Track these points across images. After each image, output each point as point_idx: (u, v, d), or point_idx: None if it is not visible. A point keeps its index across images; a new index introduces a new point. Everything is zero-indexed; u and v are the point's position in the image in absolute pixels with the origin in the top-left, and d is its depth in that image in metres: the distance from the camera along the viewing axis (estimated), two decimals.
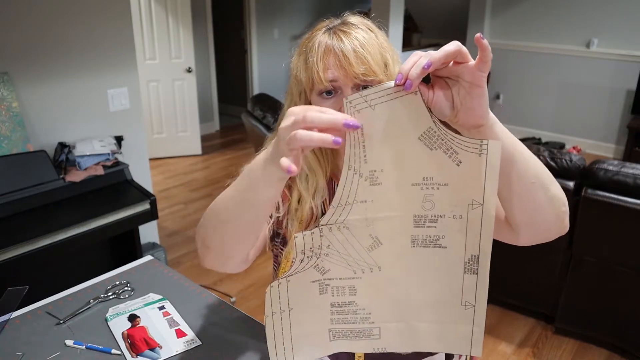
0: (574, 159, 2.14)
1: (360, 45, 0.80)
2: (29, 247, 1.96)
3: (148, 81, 4.71)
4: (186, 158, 5.07)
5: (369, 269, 0.74)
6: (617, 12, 4.76)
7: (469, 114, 0.68)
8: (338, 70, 0.80)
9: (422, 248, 0.73)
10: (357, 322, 0.78)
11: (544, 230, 0.80)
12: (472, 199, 0.70)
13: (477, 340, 0.77)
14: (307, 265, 0.73)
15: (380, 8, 3.89)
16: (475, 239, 0.71)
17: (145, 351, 1.05)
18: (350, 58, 0.79)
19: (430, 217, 0.71)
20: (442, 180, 0.69)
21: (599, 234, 2.14)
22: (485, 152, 0.67)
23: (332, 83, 0.81)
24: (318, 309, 0.77)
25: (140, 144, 2.72)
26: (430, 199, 0.71)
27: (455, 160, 0.68)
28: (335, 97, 0.83)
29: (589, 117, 5.12)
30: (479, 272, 0.73)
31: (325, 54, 0.81)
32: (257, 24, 5.85)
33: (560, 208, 0.78)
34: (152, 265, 1.39)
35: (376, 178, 0.69)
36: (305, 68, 0.84)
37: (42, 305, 1.21)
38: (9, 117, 2.12)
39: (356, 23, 0.84)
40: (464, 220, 0.71)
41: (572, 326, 2.36)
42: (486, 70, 0.65)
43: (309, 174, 0.92)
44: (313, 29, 0.88)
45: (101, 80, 2.48)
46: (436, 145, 0.67)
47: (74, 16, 2.31)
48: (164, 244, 3.24)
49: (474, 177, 0.68)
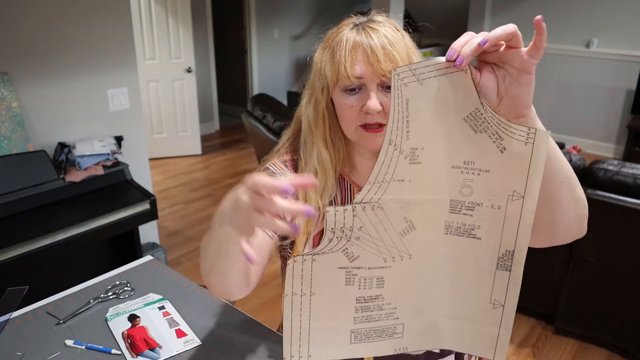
0: (574, 159, 2.14)
1: (388, 43, 0.80)
2: (29, 247, 1.96)
3: (148, 81, 4.71)
4: (186, 158, 5.07)
5: (400, 257, 0.70)
6: (617, 12, 4.76)
7: (514, 102, 0.65)
8: (365, 66, 0.80)
9: (456, 236, 0.69)
10: (381, 318, 0.74)
11: (563, 231, 0.79)
12: (513, 190, 0.65)
13: (502, 344, 0.72)
14: (336, 247, 0.68)
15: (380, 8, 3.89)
16: (512, 233, 0.67)
17: (145, 351, 1.05)
18: (379, 55, 0.78)
19: (467, 203, 0.67)
20: (484, 166, 0.65)
21: (599, 234, 2.14)
22: (532, 141, 0.63)
23: (359, 79, 0.80)
24: (342, 302, 0.72)
25: (140, 144, 2.72)
26: (469, 185, 0.67)
27: (499, 147, 0.64)
28: (360, 94, 0.82)
29: (589, 117, 5.12)
30: (513, 269, 0.68)
31: (353, 49, 0.81)
32: (257, 24, 5.85)
33: (582, 211, 0.78)
34: (152, 265, 1.38)
35: (417, 156, 0.66)
36: (331, 62, 0.83)
37: (42, 305, 1.21)
38: (9, 117, 2.12)
39: (383, 21, 0.84)
40: (502, 212, 0.67)
41: (572, 326, 2.36)
42: (538, 57, 0.63)
43: (319, 171, 0.90)
44: (339, 24, 0.88)
45: (101, 80, 2.48)
46: (481, 128, 0.64)
47: (74, 16, 2.31)
48: (164, 244, 3.24)
49: (518, 167, 0.64)
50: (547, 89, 5.32)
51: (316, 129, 0.90)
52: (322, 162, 0.90)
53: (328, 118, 0.89)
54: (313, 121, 0.90)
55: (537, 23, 0.62)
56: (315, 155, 0.90)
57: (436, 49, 6.20)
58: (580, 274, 2.23)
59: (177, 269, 2.46)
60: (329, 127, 0.89)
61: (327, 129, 0.90)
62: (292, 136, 0.99)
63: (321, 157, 0.90)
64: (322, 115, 0.89)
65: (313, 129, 0.90)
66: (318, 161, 0.90)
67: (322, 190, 0.89)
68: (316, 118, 0.90)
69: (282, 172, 0.95)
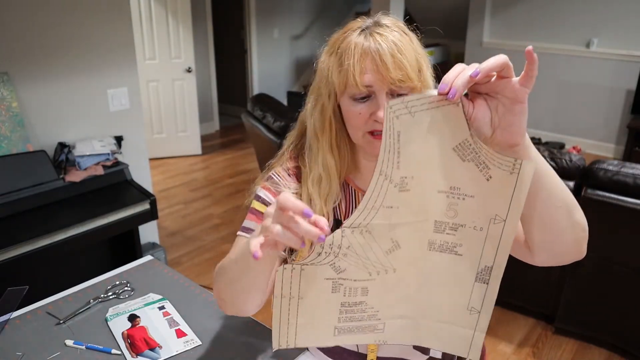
0: (574, 159, 2.14)
1: (397, 50, 0.77)
2: (29, 247, 1.96)
3: (148, 81, 4.71)
4: (186, 158, 5.07)
5: (384, 271, 0.75)
6: (617, 12, 4.76)
7: (508, 131, 0.67)
8: (375, 75, 0.78)
9: (438, 253, 0.74)
10: (364, 319, 0.78)
11: (560, 253, 0.80)
12: (496, 214, 0.70)
13: (476, 345, 0.78)
14: (324, 260, 0.72)
15: (380, 8, 3.89)
16: (492, 252, 0.72)
17: (145, 351, 1.05)
18: (388, 63, 0.77)
19: (451, 224, 0.72)
20: (469, 192, 0.70)
21: (598, 234, 2.13)
22: (517, 171, 0.66)
23: (368, 88, 0.79)
24: (327, 305, 0.77)
25: (140, 144, 2.72)
26: (454, 208, 0.71)
27: (485, 175, 0.68)
28: (369, 102, 0.81)
29: (589, 117, 5.12)
30: (490, 283, 0.74)
31: (362, 57, 0.79)
32: (257, 24, 5.85)
33: (580, 234, 0.79)
34: (152, 265, 1.39)
35: (406, 184, 0.69)
36: (339, 70, 0.82)
37: (42, 305, 1.21)
38: (9, 117, 2.12)
39: (391, 25, 0.82)
40: (483, 232, 0.71)
41: (572, 326, 2.36)
42: (530, 86, 0.64)
43: (324, 177, 0.90)
44: (345, 27, 0.85)
45: (101, 80, 2.48)
46: (469, 157, 0.67)
47: (74, 16, 2.31)
48: (164, 244, 3.24)
49: (502, 194, 0.68)
50: (547, 89, 5.32)
51: (322, 135, 0.90)
52: (327, 168, 0.89)
53: (335, 124, 0.88)
54: (319, 127, 0.90)
55: (528, 53, 0.63)
56: (320, 161, 0.90)
57: (436, 49, 6.20)
58: (580, 274, 2.23)
59: (177, 269, 2.46)
60: (335, 133, 0.89)
61: (333, 135, 0.89)
62: (296, 139, 0.98)
63: (326, 164, 0.89)
64: (329, 121, 0.88)
65: (319, 135, 0.90)
66: (323, 167, 0.90)
67: (326, 195, 0.90)
68: (322, 124, 0.89)
69: (285, 182, 0.95)
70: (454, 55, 6.31)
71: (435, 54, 6.17)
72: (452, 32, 6.24)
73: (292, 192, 0.93)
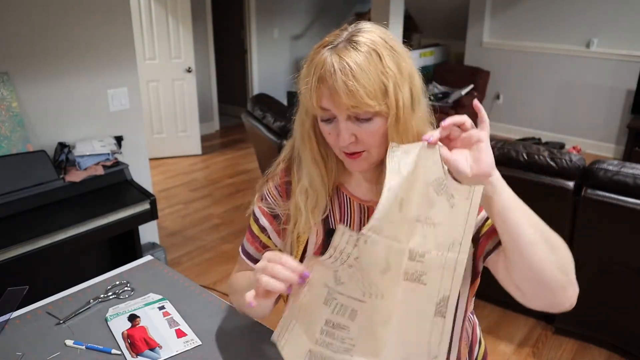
0: (574, 159, 2.14)
1: (352, 76, 0.76)
2: (29, 247, 1.96)
3: (148, 81, 4.71)
4: (186, 158, 5.07)
5: (375, 295, 0.76)
6: (617, 12, 4.76)
7: (480, 165, 0.74)
8: (329, 101, 0.79)
9: (410, 282, 0.76)
10: (338, 351, 0.78)
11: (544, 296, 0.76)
12: (454, 240, 0.74)
13: None
14: (332, 264, 0.74)
15: (380, 8, 3.89)
16: (448, 280, 0.74)
17: (145, 351, 1.05)
18: (340, 92, 0.76)
19: (420, 252, 0.75)
20: (437, 220, 0.75)
21: (599, 234, 2.14)
22: (471, 196, 0.74)
23: (327, 112, 0.80)
24: (314, 316, 0.78)
25: (140, 144, 2.72)
26: (425, 235, 0.75)
27: (451, 204, 0.75)
28: (335, 123, 0.81)
29: (589, 117, 5.12)
30: (446, 317, 0.75)
31: (319, 81, 0.79)
32: (257, 24, 5.85)
33: (561, 276, 0.74)
34: (152, 265, 1.39)
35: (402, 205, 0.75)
36: (303, 91, 0.83)
37: (42, 305, 1.21)
38: (9, 117, 2.12)
39: (363, 41, 0.78)
40: (443, 259, 0.74)
41: (572, 326, 2.36)
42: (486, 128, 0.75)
43: (310, 192, 0.91)
44: (321, 41, 0.83)
45: (101, 80, 2.48)
46: (442, 191, 0.75)
47: (74, 16, 2.31)
48: (164, 244, 3.24)
49: (460, 220, 0.74)
50: (547, 89, 5.32)
51: (304, 148, 0.91)
52: (312, 181, 0.91)
53: (314, 138, 0.89)
54: (300, 141, 0.91)
55: (475, 106, 0.76)
56: (305, 175, 0.92)
57: (436, 49, 6.20)
58: (580, 274, 2.23)
59: (177, 269, 2.46)
60: (315, 146, 0.89)
61: (314, 149, 0.90)
62: (291, 149, 0.99)
63: (311, 177, 0.91)
64: (308, 136, 0.89)
65: (301, 148, 0.91)
66: (309, 181, 0.91)
67: (313, 207, 0.92)
68: (302, 138, 0.90)
69: (275, 201, 1.00)
70: (454, 55, 6.31)
71: (435, 54, 6.17)
72: (452, 32, 6.24)
73: (282, 212, 0.99)
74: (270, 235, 1.02)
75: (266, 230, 1.02)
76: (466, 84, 5.50)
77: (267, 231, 1.02)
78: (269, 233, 1.02)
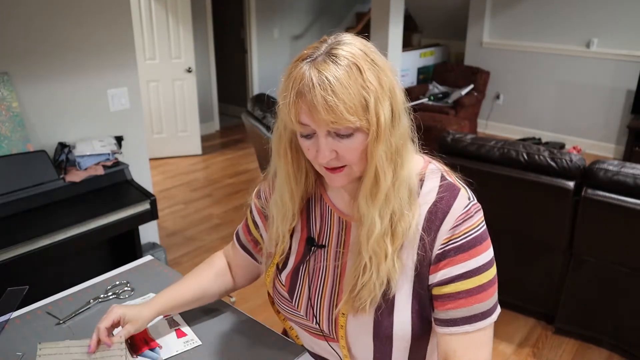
0: (574, 159, 2.14)
1: (331, 91, 0.73)
2: (29, 247, 1.96)
3: (148, 81, 4.71)
4: (186, 158, 5.07)
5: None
6: (617, 12, 4.76)
7: None
8: (308, 116, 0.76)
9: None
10: None
11: None
12: None
13: None
14: None
15: (380, 8, 3.89)
16: None
17: (145, 351, 1.05)
18: (319, 107, 0.73)
19: None
20: None
21: (599, 234, 2.14)
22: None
23: (306, 127, 0.78)
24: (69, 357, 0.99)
25: (140, 144, 2.72)
26: None
27: None
28: (314, 138, 0.80)
29: (589, 117, 5.12)
30: None
31: (297, 98, 0.76)
32: (257, 24, 5.85)
33: None
34: (152, 265, 1.39)
35: None
36: (281, 106, 0.80)
37: (42, 305, 1.21)
38: (9, 117, 2.12)
39: (343, 55, 0.75)
40: None
41: (572, 326, 2.36)
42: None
43: (279, 203, 0.94)
44: (300, 53, 0.80)
45: (101, 80, 2.48)
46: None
47: (74, 16, 2.31)
48: (164, 244, 3.24)
49: None
50: (547, 89, 5.32)
51: (279, 163, 0.90)
52: (282, 196, 0.93)
53: (290, 153, 0.88)
54: (275, 154, 0.90)
55: None
56: (277, 188, 0.94)
57: (436, 49, 6.20)
58: (580, 274, 2.23)
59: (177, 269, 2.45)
60: (290, 160, 0.89)
61: (288, 163, 0.89)
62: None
63: (282, 192, 0.92)
64: (284, 150, 0.88)
65: (277, 162, 0.91)
66: (279, 196, 0.93)
67: (282, 218, 0.94)
68: (278, 152, 0.89)
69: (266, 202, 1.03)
70: (454, 55, 6.31)
71: (435, 54, 6.17)
72: (452, 32, 6.24)
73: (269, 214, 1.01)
74: (261, 233, 1.06)
75: (258, 227, 1.07)
76: (466, 84, 5.50)
77: (259, 228, 1.07)
78: (261, 231, 1.07)
